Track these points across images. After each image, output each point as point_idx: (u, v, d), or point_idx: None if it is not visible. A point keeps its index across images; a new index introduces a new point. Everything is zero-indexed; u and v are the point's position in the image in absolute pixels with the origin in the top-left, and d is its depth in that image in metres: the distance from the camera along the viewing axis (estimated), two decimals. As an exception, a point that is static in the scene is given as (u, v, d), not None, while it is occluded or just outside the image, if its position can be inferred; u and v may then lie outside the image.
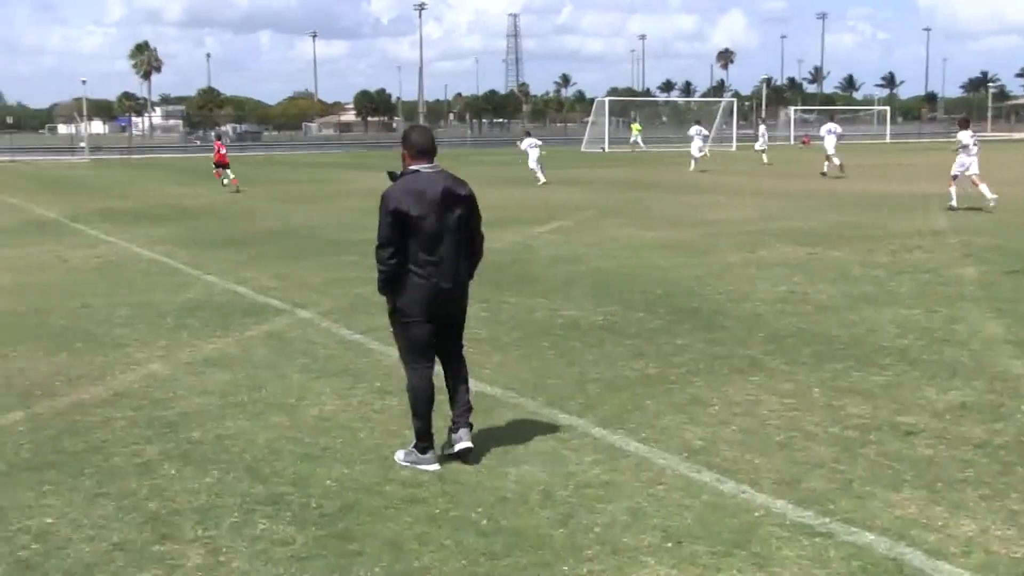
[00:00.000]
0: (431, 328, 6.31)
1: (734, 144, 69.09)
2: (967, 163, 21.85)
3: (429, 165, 6.33)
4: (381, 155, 65.55)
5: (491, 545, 5.17)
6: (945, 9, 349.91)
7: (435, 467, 6.29)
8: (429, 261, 6.15)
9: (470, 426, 6.50)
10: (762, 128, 52.44)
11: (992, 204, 21.32)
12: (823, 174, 34.44)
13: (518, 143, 36.41)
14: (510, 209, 24.29)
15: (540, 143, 34.70)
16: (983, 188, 21.71)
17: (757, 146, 49.17)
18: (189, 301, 12.27)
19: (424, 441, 6.36)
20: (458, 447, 6.41)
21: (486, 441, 6.79)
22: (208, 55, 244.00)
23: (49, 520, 5.56)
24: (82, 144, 71.49)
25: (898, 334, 9.91)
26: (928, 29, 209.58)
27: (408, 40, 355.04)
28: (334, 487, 6.01)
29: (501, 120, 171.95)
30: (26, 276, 14.49)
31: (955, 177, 22.11)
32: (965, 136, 22.10)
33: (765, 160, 46.23)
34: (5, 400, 7.98)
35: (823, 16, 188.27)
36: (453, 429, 6.50)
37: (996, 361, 8.81)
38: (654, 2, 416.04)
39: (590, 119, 73.36)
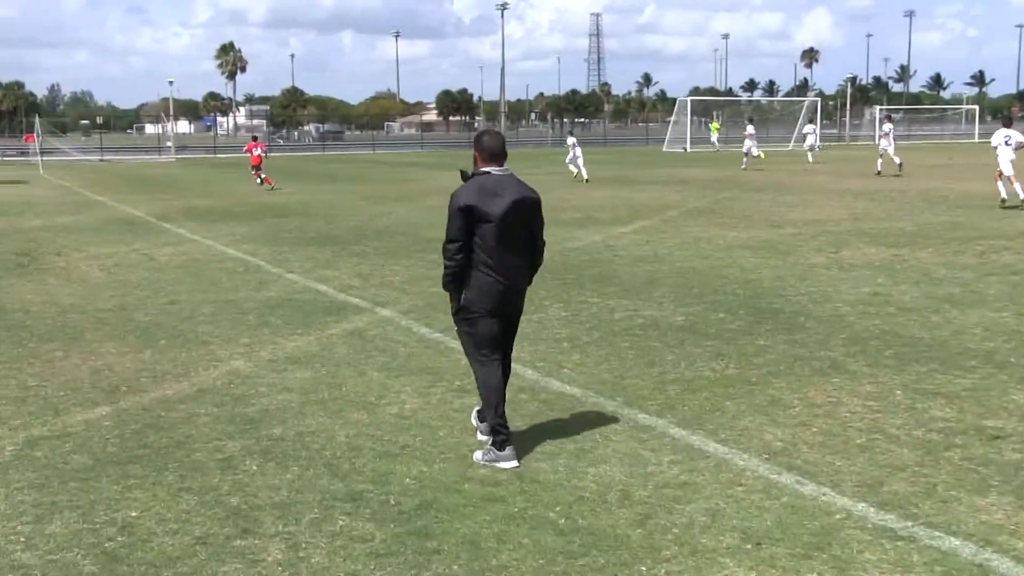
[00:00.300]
0: (498, 323, 6.49)
1: (817, 144, 68.06)
2: (1009, 158, 22.29)
3: (499, 168, 6.44)
4: (461, 155, 65.84)
5: (569, 544, 5.17)
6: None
7: (513, 464, 6.35)
8: (493, 260, 6.31)
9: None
10: (809, 127, 51.49)
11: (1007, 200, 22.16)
12: (899, 172, 33.99)
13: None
14: (592, 209, 24.26)
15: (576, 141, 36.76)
16: (1000, 184, 22.41)
17: (806, 145, 48.63)
18: (271, 299, 12.45)
19: (501, 435, 6.44)
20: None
21: (564, 441, 6.80)
22: (292, 55, 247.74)
23: (134, 513, 5.68)
24: (168, 143, 72.98)
25: (985, 337, 9.69)
26: (1021, 26, 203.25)
27: (490, 40, 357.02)
28: (413, 485, 6.05)
29: (583, 120, 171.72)
30: (114, 274, 14.83)
31: (1001, 174, 22.43)
32: (996, 137, 22.90)
33: (810, 159, 46.07)
34: (92, 395, 8.18)
35: (910, 14, 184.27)
36: (481, 418, 6.75)
37: (1089, 365, 8.57)
38: (737, 0, 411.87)
39: (672, 119, 72.75)
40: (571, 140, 36.87)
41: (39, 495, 5.98)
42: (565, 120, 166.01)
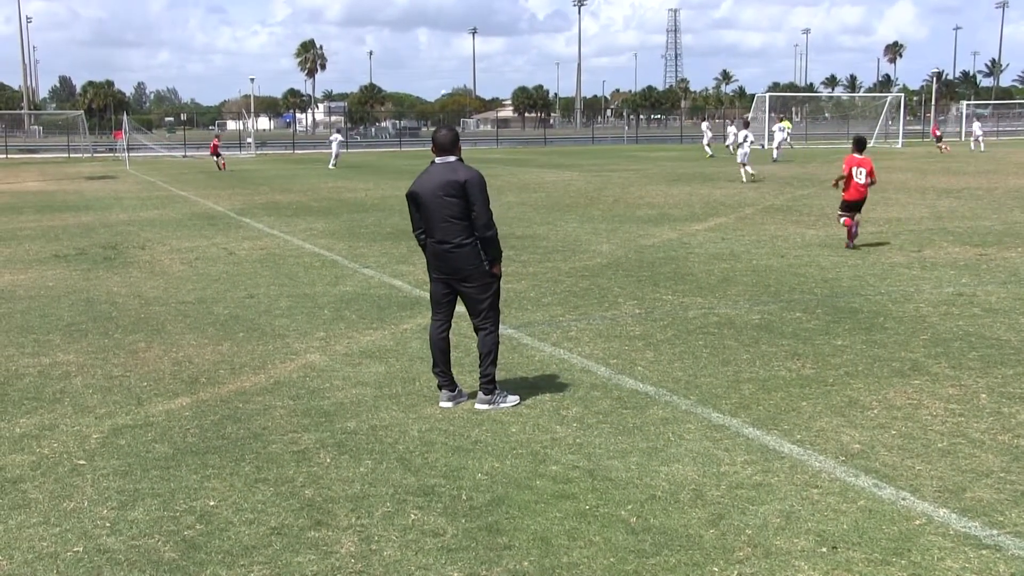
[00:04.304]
0: (441, 286, 7.63)
1: (900, 141, 66.94)
2: (744, 151, 32.05)
3: (441, 158, 7.53)
4: (537, 151, 65.83)
5: (640, 543, 5.13)
6: None
7: (444, 404, 7.60)
8: (430, 232, 7.50)
9: (485, 390, 7.58)
10: (778, 126, 51.65)
11: (752, 177, 31.53)
12: (754, 178, 31.68)
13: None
14: (668, 206, 24.11)
15: None
16: (748, 168, 31.67)
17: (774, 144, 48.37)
18: (346, 294, 12.57)
19: (437, 378, 7.70)
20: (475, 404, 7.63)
21: (637, 439, 6.76)
22: (370, 52, 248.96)
23: (212, 503, 5.77)
24: (249, 140, 73.96)
25: (1074, 339, 9.43)
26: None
27: (564, 36, 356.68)
28: (484, 480, 6.06)
29: (659, 116, 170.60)
30: (195, 267, 15.09)
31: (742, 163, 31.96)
32: (742, 135, 33.11)
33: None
34: (173, 386, 8.33)
35: (1003, 5, 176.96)
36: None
37: None
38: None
39: (749, 115, 71.86)
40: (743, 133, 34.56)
41: (123, 482, 6.12)
42: (641, 116, 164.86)
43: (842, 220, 16.20)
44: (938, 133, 59.92)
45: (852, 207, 15.99)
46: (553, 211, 23.26)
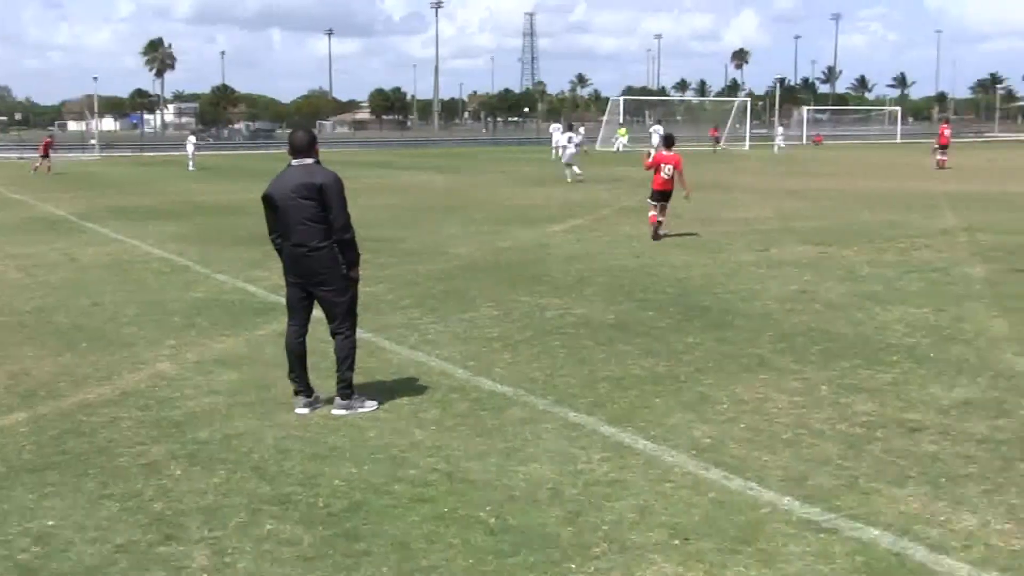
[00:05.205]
0: (297, 290, 7.54)
1: (747, 144, 68.99)
2: (569, 152, 34.62)
3: (297, 160, 7.46)
4: (395, 152, 65.57)
5: (499, 544, 5.15)
6: (954, 11, 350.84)
7: (300, 411, 7.48)
8: (287, 236, 7.39)
9: (342, 395, 7.51)
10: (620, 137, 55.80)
11: (577, 177, 33.06)
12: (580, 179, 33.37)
13: None
14: (526, 208, 24.32)
15: None
16: (575, 168, 33.35)
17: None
18: (198, 300, 12.26)
19: (293, 384, 7.62)
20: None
21: (495, 440, 6.79)
22: (223, 52, 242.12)
23: (50, 522, 5.52)
24: (92, 141, 71.47)
25: (906, 332, 9.88)
26: (940, 31, 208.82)
27: (420, 38, 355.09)
28: (342, 486, 5.99)
29: (516, 119, 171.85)
30: (33, 275, 14.48)
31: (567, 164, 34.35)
32: (565, 137, 36.79)
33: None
34: (7, 401, 7.94)
35: (836, 17, 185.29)
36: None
37: (1001, 359, 8.83)
38: (668, 1, 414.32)
39: (604, 118, 72.98)
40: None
41: (-50, 506, 5.79)
42: (499, 118, 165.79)
43: (649, 215, 17.80)
44: (716, 135, 63.92)
45: (658, 196, 17.64)
46: (412, 213, 23.20)
